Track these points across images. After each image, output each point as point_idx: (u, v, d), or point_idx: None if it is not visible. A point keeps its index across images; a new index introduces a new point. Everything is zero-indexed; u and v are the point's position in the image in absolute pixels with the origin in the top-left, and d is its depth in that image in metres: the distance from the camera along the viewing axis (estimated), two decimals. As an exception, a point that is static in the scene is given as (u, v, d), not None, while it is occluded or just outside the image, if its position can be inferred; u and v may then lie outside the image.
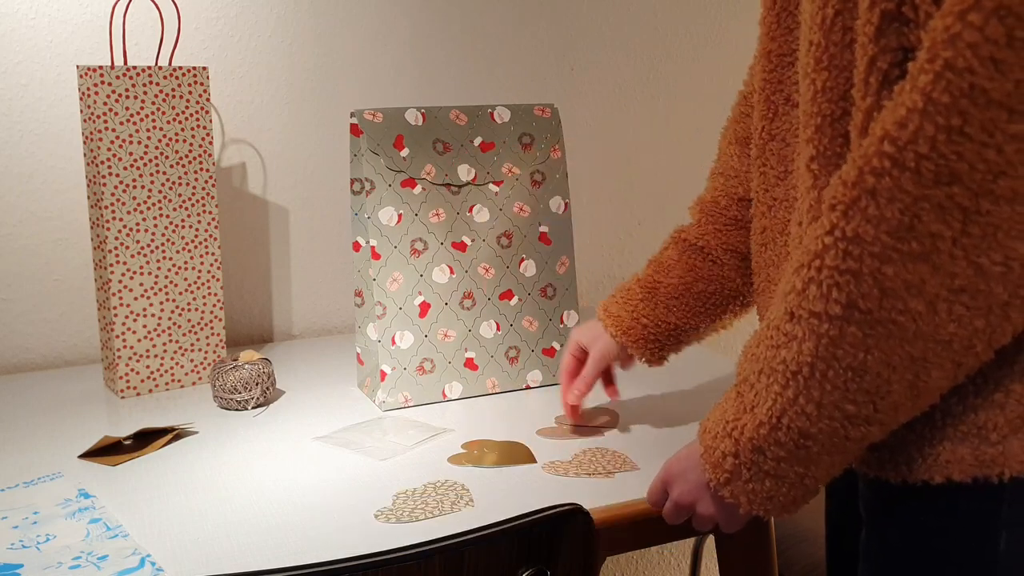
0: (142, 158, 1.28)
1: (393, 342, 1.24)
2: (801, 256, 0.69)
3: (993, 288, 0.63)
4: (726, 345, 1.98)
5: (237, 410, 1.24)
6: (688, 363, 1.44)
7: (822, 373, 0.68)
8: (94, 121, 1.25)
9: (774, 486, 0.76)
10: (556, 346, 1.34)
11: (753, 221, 0.96)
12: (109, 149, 1.26)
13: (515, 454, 1.08)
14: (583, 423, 1.18)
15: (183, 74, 1.30)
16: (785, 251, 0.91)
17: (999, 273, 0.62)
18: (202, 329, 1.35)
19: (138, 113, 1.27)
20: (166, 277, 1.32)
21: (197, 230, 1.33)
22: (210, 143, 1.33)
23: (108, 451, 1.10)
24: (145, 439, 1.13)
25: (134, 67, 1.26)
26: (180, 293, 1.33)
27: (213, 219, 1.34)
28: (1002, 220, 0.61)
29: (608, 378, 1.20)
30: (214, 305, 1.36)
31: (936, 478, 0.72)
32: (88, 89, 1.25)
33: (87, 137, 1.28)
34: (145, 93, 1.27)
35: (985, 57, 0.57)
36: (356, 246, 1.29)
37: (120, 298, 1.29)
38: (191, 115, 1.31)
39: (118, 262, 1.28)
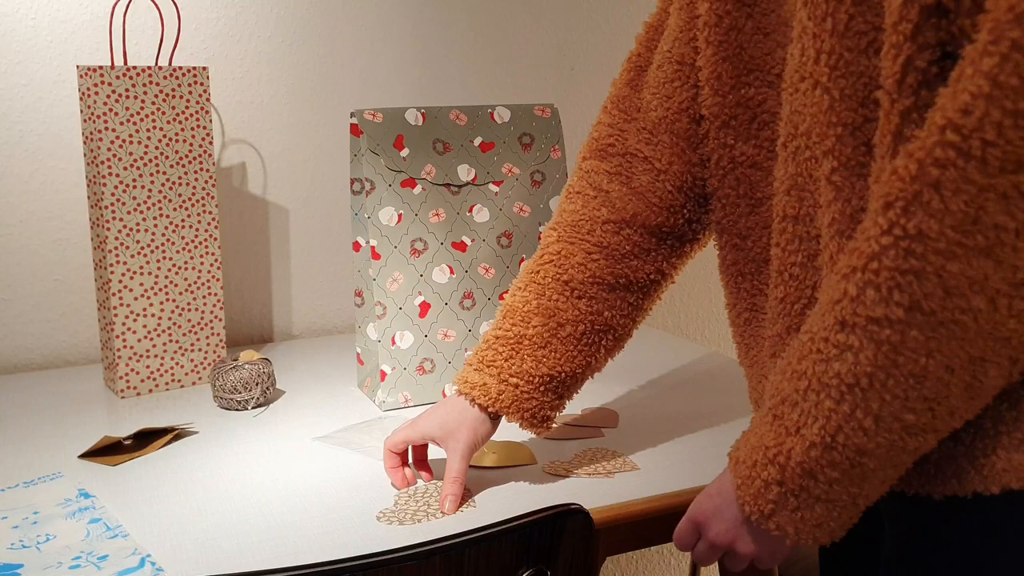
0: (142, 158, 1.28)
1: (393, 342, 1.24)
2: (852, 260, 0.65)
3: None
4: (726, 344, 1.99)
5: (237, 410, 1.24)
6: (688, 362, 1.44)
7: (881, 383, 0.65)
8: (94, 121, 1.25)
9: (824, 511, 0.72)
10: (556, 346, 1.34)
11: (721, 252, 0.93)
12: (109, 149, 1.26)
13: (515, 454, 1.08)
14: (584, 424, 1.18)
15: (183, 74, 1.30)
16: (768, 280, 0.87)
17: None
18: (202, 329, 1.35)
19: (138, 113, 1.27)
20: (166, 277, 1.32)
21: (197, 230, 1.33)
22: (210, 143, 1.33)
23: (108, 451, 1.10)
24: (145, 439, 1.13)
25: (134, 67, 1.26)
26: (180, 293, 1.33)
27: (213, 219, 1.34)
28: None
29: (423, 457, 1.04)
30: (214, 305, 1.36)
31: (992, 488, 0.69)
32: (88, 89, 1.25)
33: (87, 137, 1.28)
34: (145, 93, 1.27)
35: None
36: (356, 246, 1.29)
37: (120, 298, 1.29)
38: (191, 115, 1.31)
39: (118, 262, 1.28)
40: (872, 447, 0.67)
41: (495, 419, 1.00)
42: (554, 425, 1.02)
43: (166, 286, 1.32)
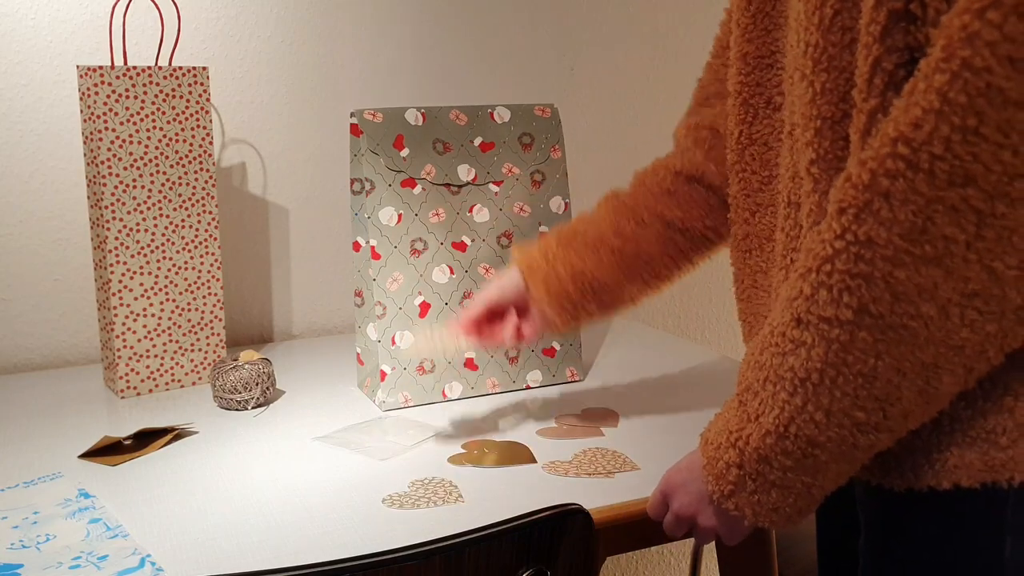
0: (142, 158, 1.28)
1: (393, 342, 1.24)
2: (808, 261, 0.68)
3: (1007, 292, 0.62)
4: (726, 344, 1.99)
5: (237, 410, 1.24)
6: (688, 363, 1.44)
7: (832, 380, 0.67)
8: (94, 121, 1.25)
9: (780, 497, 0.75)
10: (556, 346, 1.34)
11: (733, 227, 0.95)
12: (109, 149, 1.26)
13: (515, 454, 1.08)
14: (584, 423, 1.18)
15: (183, 74, 1.30)
16: (773, 257, 0.90)
17: (1013, 277, 0.61)
18: (202, 329, 1.35)
19: (138, 113, 1.27)
20: (166, 277, 1.32)
21: (197, 230, 1.33)
22: (210, 143, 1.33)
23: (108, 451, 1.10)
24: (145, 439, 1.13)
25: (134, 67, 1.26)
26: (180, 293, 1.33)
27: (213, 219, 1.34)
28: (1017, 223, 0.60)
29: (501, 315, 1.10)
30: (214, 305, 1.36)
31: (944, 484, 0.71)
32: (88, 89, 1.25)
33: (87, 137, 1.28)
34: (145, 93, 1.27)
35: (1003, 56, 0.56)
36: (356, 246, 1.29)
37: (120, 298, 1.29)
38: (191, 115, 1.31)
39: (118, 262, 1.28)
40: (823, 440, 0.70)
41: (525, 285, 1.06)
42: (570, 322, 1.08)
43: (166, 286, 1.32)
